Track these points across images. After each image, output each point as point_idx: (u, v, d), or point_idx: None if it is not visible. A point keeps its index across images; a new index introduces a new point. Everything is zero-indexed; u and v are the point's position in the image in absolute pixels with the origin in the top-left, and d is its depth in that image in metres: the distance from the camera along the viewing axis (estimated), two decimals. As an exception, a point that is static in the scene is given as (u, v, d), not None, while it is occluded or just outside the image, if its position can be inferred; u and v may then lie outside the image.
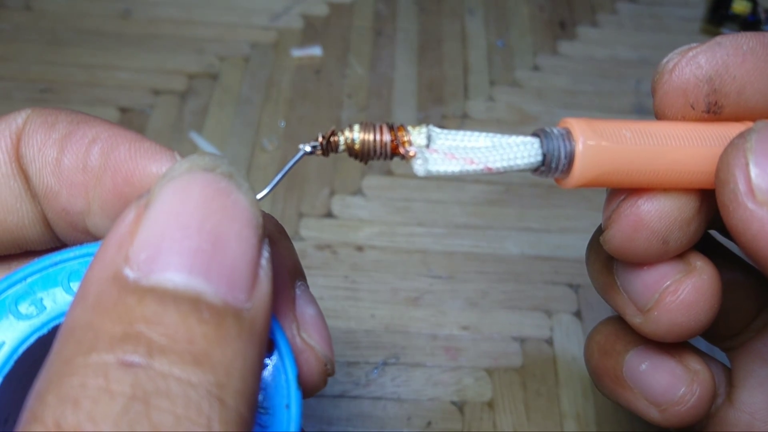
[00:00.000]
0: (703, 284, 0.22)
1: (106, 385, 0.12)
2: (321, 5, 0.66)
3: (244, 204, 0.15)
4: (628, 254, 0.22)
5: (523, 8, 0.67)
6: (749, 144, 0.18)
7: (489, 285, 0.48)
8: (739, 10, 0.64)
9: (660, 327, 0.23)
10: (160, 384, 0.12)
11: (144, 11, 0.63)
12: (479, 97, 0.60)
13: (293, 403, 0.17)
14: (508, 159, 0.20)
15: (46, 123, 0.18)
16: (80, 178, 0.18)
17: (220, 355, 0.13)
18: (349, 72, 0.61)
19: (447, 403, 0.43)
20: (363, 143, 0.19)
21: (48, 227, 0.19)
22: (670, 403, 0.25)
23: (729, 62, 0.20)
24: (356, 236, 0.50)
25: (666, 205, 0.21)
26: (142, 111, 0.56)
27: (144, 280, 0.13)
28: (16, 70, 0.58)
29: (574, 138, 0.20)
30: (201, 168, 0.15)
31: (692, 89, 0.20)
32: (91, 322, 0.13)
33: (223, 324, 0.13)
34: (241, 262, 0.14)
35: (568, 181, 0.20)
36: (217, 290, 0.14)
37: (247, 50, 0.61)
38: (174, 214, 0.14)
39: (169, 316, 0.13)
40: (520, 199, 0.53)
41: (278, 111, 0.57)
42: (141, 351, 0.12)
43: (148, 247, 0.14)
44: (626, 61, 0.63)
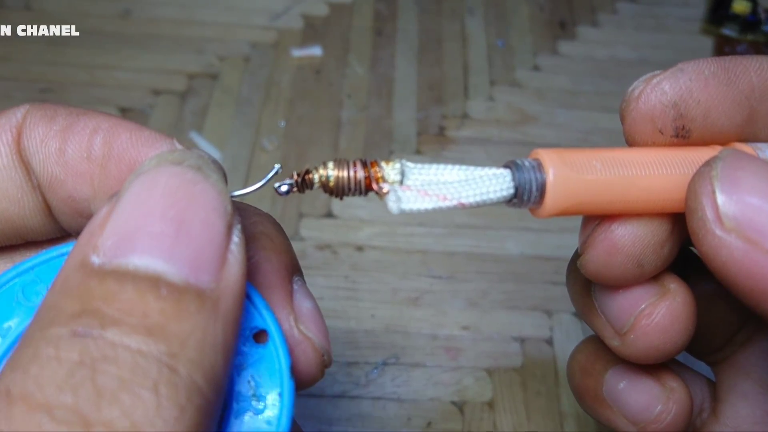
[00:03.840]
0: (677, 307, 0.23)
1: (56, 353, 0.13)
2: (321, 5, 0.66)
3: (210, 192, 0.16)
4: (604, 278, 0.22)
5: (523, 8, 0.67)
6: (715, 172, 0.18)
7: (489, 285, 0.48)
8: (739, 10, 0.64)
9: (637, 350, 0.23)
10: (108, 351, 0.13)
11: (144, 11, 0.63)
12: (479, 97, 0.60)
13: (286, 391, 0.18)
14: (480, 194, 0.20)
15: (45, 116, 0.19)
16: (85, 167, 0.19)
17: (176, 328, 0.14)
18: (349, 72, 0.61)
19: (447, 403, 0.43)
20: (337, 180, 0.20)
21: (49, 217, 0.20)
22: (647, 422, 0.25)
23: (692, 87, 0.20)
24: (356, 236, 0.50)
25: (639, 229, 0.21)
26: (142, 111, 0.56)
27: (107, 265, 0.14)
28: (16, 70, 0.58)
29: (545, 170, 0.20)
30: (169, 162, 0.16)
31: (659, 115, 0.20)
32: (55, 303, 0.14)
33: (182, 300, 0.14)
34: (207, 246, 0.15)
35: (541, 212, 0.20)
36: (178, 271, 0.14)
37: (247, 50, 0.61)
38: (140, 204, 0.15)
39: (126, 293, 0.14)
40: (520, 199, 0.53)
41: (278, 111, 0.57)
42: (94, 324, 0.13)
43: (113, 235, 0.15)
44: (626, 61, 0.63)
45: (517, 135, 0.57)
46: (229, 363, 0.15)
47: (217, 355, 0.14)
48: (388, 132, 0.56)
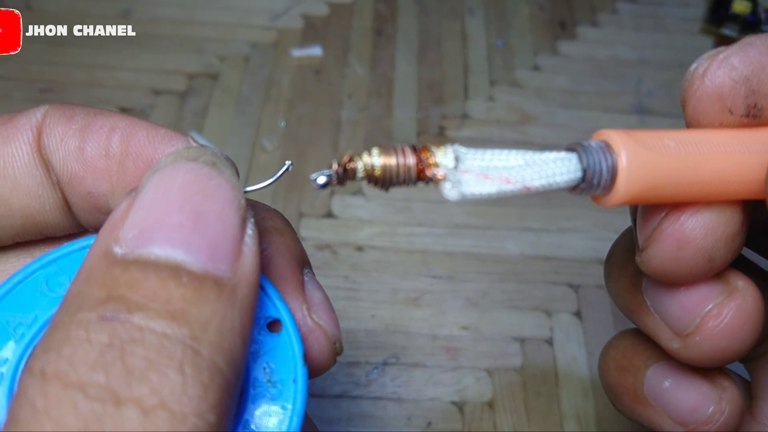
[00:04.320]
0: (747, 306, 0.21)
1: (87, 336, 0.13)
2: (321, 5, 0.66)
3: (225, 187, 0.17)
4: (670, 274, 0.21)
5: (523, 8, 0.67)
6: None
7: (489, 285, 0.48)
8: (739, 10, 0.64)
9: (702, 353, 0.21)
10: (136, 334, 0.14)
11: (144, 11, 0.63)
12: (479, 97, 0.60)
13: (300, 377, 0.18)
14: (546, 176, 0.18)
15: (64, 116, 0.20)
16: (103, 164, 0.20)
17: (197, 313, 0.14)
18: (349, 72, 0.61)
19: (447, 403, 0.43)
20: (384, 169, 0.18)
21: (67, 213, 0.21)
22: (698, 423, 0.24)
23: (764, 61, 0.19)
24: (356, 236, 0.50)
25: (711, 220, 0.19)
26: (142, 111, 0.56)
27: (130, 255, 0.15)
28: (16, 70, 0.58)
29: (615, 150, 0.18)
30: (185, 158, 0.17)
31: (728, 92, 0.19)
32: (81, 290, 0.15)
33: (202, 288, 0.15)
34: (223, 238, 0.16)
35: (611, 198, 0.19)
36: (197, 260, 0.15)
37: (247, 50, 0.61)
38: (158, 198, 0.16)
39: (149, 281, 0.14)
40: (520, 199, 0.53)
41: (278, 111, 0.57)
42: (121, 308, 0.14)
43: (134, 227, 0.15)
44: (626, 61, 0.63)
45: (517, 135, 0.57)
46: (246, 347, 0.16)
47: (236, 339, 0.15)
48: (388, 132, 0.56)
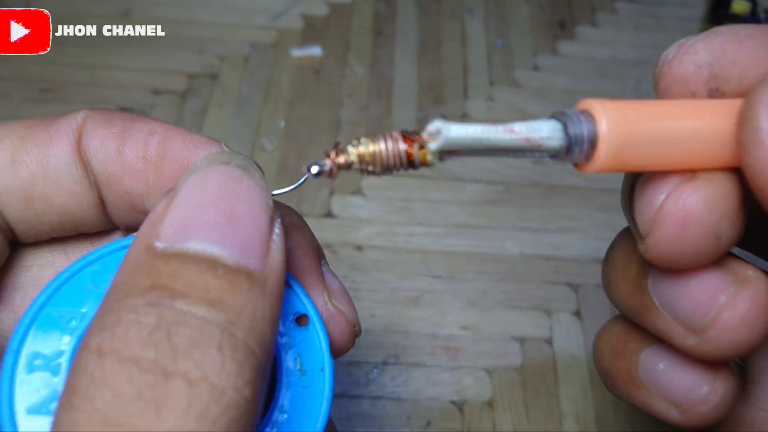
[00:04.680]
0: (761, 294, 0.21)
1: (137, 318, 0.15)
2: (321, 5, 0.66)
3: (254, 189, 0.18)
4: (677, 258, 0.20)
5: (523, 8, 0.67)
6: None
7: (489, 285, 0.48)
8: (739, 10, 0.64)
9: (720, 347, 0.21)
10: (180, 318, 0.15)
11: (144, 11, 0.63)
12: (479, 97, 0.60)
13: (327, 366, 0.21)
14: (530, 127, 0.19)
15: (103, 120, 0.22)
16: (141, 166, 0.21)
17: (232, 301, 0.16)
18: (348, 72, 0.61)
19: (447, 403, 0.43)
20: (375, 155, 0.19)
21: (101, 211, 0.22)
22: (692, 403, 0.24)
23: (727, 48, 0.20)
24: (356, 236, 0.50)
25: (714, 193, 0.20)
26: (142, 111, 0.56)
27: (170, 249, 0.17)
28: (16, 70, 0.58)
29: (596, 118, 0.19)
30: (218, 162, 0.19)
31: (692, 76, 0.20)
32: (127, 279, 0.16)
33: (236, 279, 0.17)
34: (254, 235, 0.18)
35: (593, 164, 0.19)
36: (231, 254, 0.17)
37: (247, 50, 0.61)
38: (195, 198, 0.18)
39: (189, 272, 0.16)
40: (520, 199, 0.53)
41: (278, 111, 0.57)
42: (165, 296, 0.16)
43: (174, 224, 0.17)
44: (626, 61, 0.63)
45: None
46: (275, 333, 0.17)
47: (266, 325, 0.17)
48: (388, 132, 0.56)
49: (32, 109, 0.56)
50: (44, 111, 0.56)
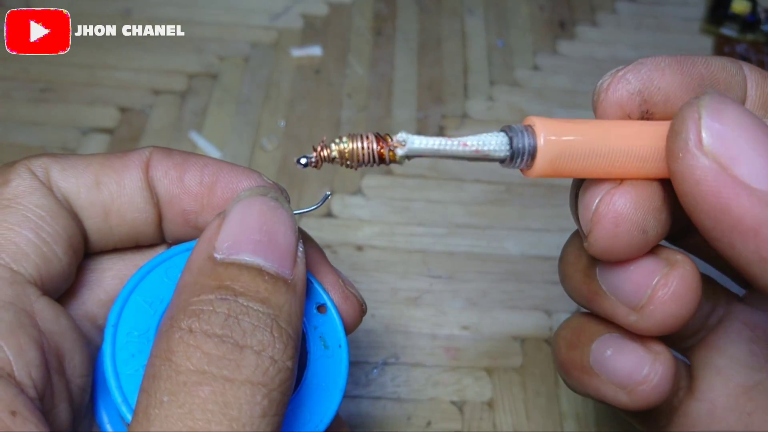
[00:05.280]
0: (688, 274, 0.25)
1: (213, 308, 0.20)
2: (321, 5, 0.66)
3: (285, 216, 0.24)
4: (614, 251, 0.24)
5: (523, 8, 0.67)
6: (703, 102, 0.21)
7: (489, 285, 0.48)
8: (739, 10, 0.64)
9: (656, 320, 0.25)
10: (243, 309, 0.21)
11: (144, 11, 0.63)
12: (479, 96, 0.60)
13: (343, 343, 0.27)
14: (480, 142, 0.23)
15: (166, 154, 0.27)
16: (197, 190, 0.27)
17: (275, 300, 0.21)
18: (349, 72, 0.61)
19: (447, 403, 0.43)
20: (352, 151, 0.23)
21: (158, 228, 0.27)
22: (635, 384, 0.27)
23: (653, 76, 0.23)
24: (356, 236, 0.50)
25: (638, 195, 0.23)
26: (141, 111, 0.56)
27: (227, 259, 0.22)
28: (16, 70, 0.58)
29: (536, 132, 0.22)
30: (258, 194, 0.24)
31: (626, 101, 0.23)
32: (197, 281, 0.21)
33: (277, 284, 0.22)
34: (286, 251, 0.23)
35: (533, 170, 0.23)
36: (272, 265, 0.22)
37: (247, 50, 0.61)
38: (243, 221, 0.23)
39: (244, 277, 0.21)
40: (520, 199, 0.53)
41: (278, 111, 0.57)
42: (230, 293, 0.21)
43: (227, 240, 0.22)
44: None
45: (517, 135, 0.57)
46: (301, 324, 0.23)
47: (297, 318, 0.22)
48: (388, 132, 0.56)
49: (32, 109, 0.56)
50: (44, 111, 0.56)
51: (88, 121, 0.55)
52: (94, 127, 0.55)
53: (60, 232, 0.25)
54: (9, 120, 0.55)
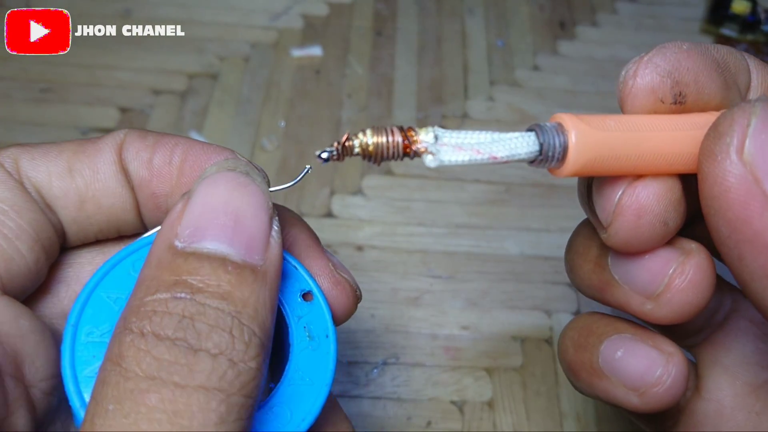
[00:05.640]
0: (703, 262, 0.25)
1: (167, 309, 0.19)
2: (321, 5, 0.66)
3: (256, 191, 0.21)
4: (635, 243, 0.24)
5: (523, 8, 0.67)
6: (755, 109, 0.20)
7: (489, 285, 0.48)
8: (739, 10, 0.64)
9: (672, 308, 0.25)
10: (200, 309, 0.19)
11: (144, 11, 0.63)
12: (479, 96, 0.60)
13: (330, 333, 0.25)
14: (509, 149, 0.22)
15: (140, 136, 0.26)
16: (166, 170, 0.25)
17: (239, 294, 0.20)
18: (349, 72, 0.61)
19: (447, 403, 0.43)
20: (376, 146, 0.22)
21: (137, 214, 0.26)
22: (648, 386, 0.26)
23: (679, 57, 0.23)
24: (356, 236, 0.50)
25: (660, 187, 0.23)
26: (141, 111, 0.56)
27: (188, 248, 0.20)
28: (16, 70, 0.58)
29: (566, 130, 0.22)
30: (225, 168, 0.22)
31: (658, 85, 0.23)
32: (154, 275, 0.20)
33: (242, 274, 0.20)
34: (256, 234, 0.21)
35: (563, 170, 0.22)
36: (238, 252, 0.20)
37: (247, 50, 0.61)
38: (206, 202, 0.21)
39: (204, 270, 0.20)
40: (520, 199, 0.53)
41: (278, 111, 0.57)
42: (186, 291, 0.19)
43: (189, 225, 0.20)
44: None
45: (517, 135, 0.57)
46: (273, 315, 0.21)
47: (266, 311, 0.20)
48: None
49: (32, 109, 0.56)
50: (44, 111, 0.56)
51: (88, 121, 0.56)
52: (94, 127, 0.55)
53: (24, 227, 0.24)
54: (9, 120, 0.55)
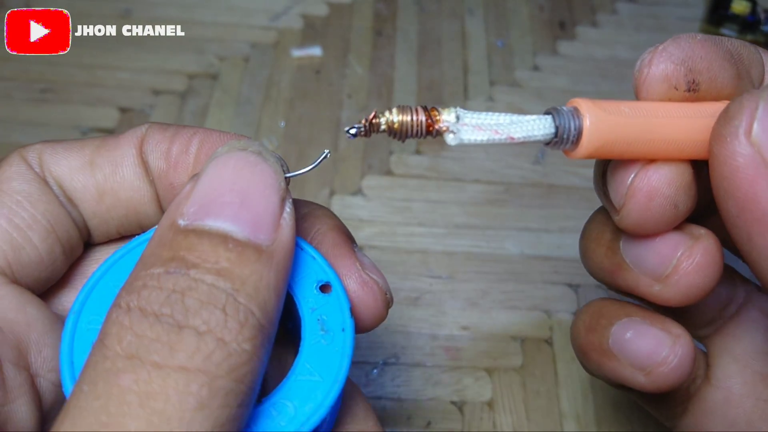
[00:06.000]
0: (710, 247, 0.26)
1: (157, 284, 0.18)
2: (321, 5, 0.66)
3: (267, 172, 0.21)
4: (646, 224, 0.25)
5: (523, 8, 0.67)
6: (763, 94, 0.21)
7: (489, 285, 0.48)
8: (739, 10, 0.64)
9: (679, 290, 0.26)
10: (192, 284, 0.18)
11: (144, 11, 0.63)
12: (479, 97, 0.60)
13: (347, 327, 0.23)
14: (526, 131, 0.23)
15: (161, 128, 0.26)
16: (183, 159, 0.25)
17: (238, 271, 0.19)
18: (349, 72, 0.61)
19: (447, 403, 0.43)
20: (401, 123, 0.23)
21: (158, 207, 0.26)
22: (654, 365, 0.27)
23: (693, 47, 0.24)
24: (356, 236, 0.50)
25: (671, 171, 0.24)
26: (141, 111, 0.56)
27: (190, 225, 0.20)
28: (16, 70, 0.58)
29: (582, 114, 0.23)
30: (236, 148, 0.21)
31: (672, 73, 0.23)
32: (153, 251, 0.19)
33: (244, 252, 0.19)
34: (264, 213, 0.20)
35: (577, 152, 0.23)
36: (242, 230, 0.20)
37: (247, 50, 0.61)
38: (214, 180, 0.20)
39: (203, 246, 0.19)
40: (520, 199, 0.53)
41: (278, 111, 0.57)
42: (181, 266, 0.19)
43: (194, 204, 0.20)
44: (626, 61, 0.63)
45: (517, 135, 0.57)
46: (280, 301, 0.20)
47: (270, 293, 0.19)
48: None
49: (32, 109, 0.56)
50: (44, 111, 0.56)
51: (88, 121, 0.56)
52: (94, 127, 0.55)
53: (38, 217, 0.24)
54: (9, 120, 0.55)
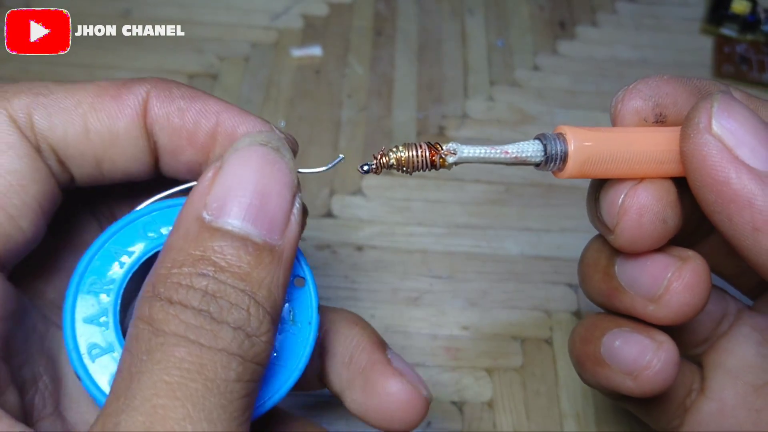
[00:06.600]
0: (699, 267, 0.28)
1: (191, 284, 0.21)
2: (321, 5, 0.66)
3: (284, 170, 0.23)
4: (637, 241, 0.27)
5: (523, 8, 0.67)
6: (716, 97, 0.25)
7: (489, 285, 0.48)
8: (739, 10, 0.64)
9: (671, 308, 0.28)
10: (221, 287, 0.21)
11: (144, 11, 0.63)
12: (479, 96, 0.60)
13: (314, 321, 0.26)
14: (519, 149, 0.26)
15: (167, 97, 0.26)
16: (200, 140, 0.26)
17: (256, 274, 0.22)
18: (349, 72, 0.61)
19: (447, 403, 0.43)
20: (408, 158, 0.26)
21: (153, 169, 0.27)
22: (640, 369, 0.29)
23: (660, 85, 0.27)
24: (356, 236, 0.50)
25: (657, 189, 0.26)
26: (142, 111, 0.56)
27: (214, 222, 0.22)
28: (17, 70, 0.58)
29: (567, 140, 0.26)
30: (258, 142, 0.23)
31: (641, 107, 0.27)
32: (182, 246, 0.22)
33: (260, 255, 0.22)
34: (278, 213, 0.22)
35: (564, 172, 0.26)
36: (259, 233, 0.22)
37: (247, 50, 0.61)
38: (237, 177, 0.22)
39: (228, 249, 0.21)
40: (520, 199, 0.53)
41: (278, 111, 0.57)
42: (210, 268, 0.21)
43: (218, 199, 0.22)
44: (626, 61, 0.63)
45: (517, 135, 0.57)
46: (284, 295, 0.23)
47: (279, 290, 0.22)
48: (388, 132, 0.56)
49: (32, 109, 0.56)
50: (44, 111, 0.56)
51: (88, 121, 0.55)
52: (94, 127, 0.55)
53: (29, 202, 0.24)
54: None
